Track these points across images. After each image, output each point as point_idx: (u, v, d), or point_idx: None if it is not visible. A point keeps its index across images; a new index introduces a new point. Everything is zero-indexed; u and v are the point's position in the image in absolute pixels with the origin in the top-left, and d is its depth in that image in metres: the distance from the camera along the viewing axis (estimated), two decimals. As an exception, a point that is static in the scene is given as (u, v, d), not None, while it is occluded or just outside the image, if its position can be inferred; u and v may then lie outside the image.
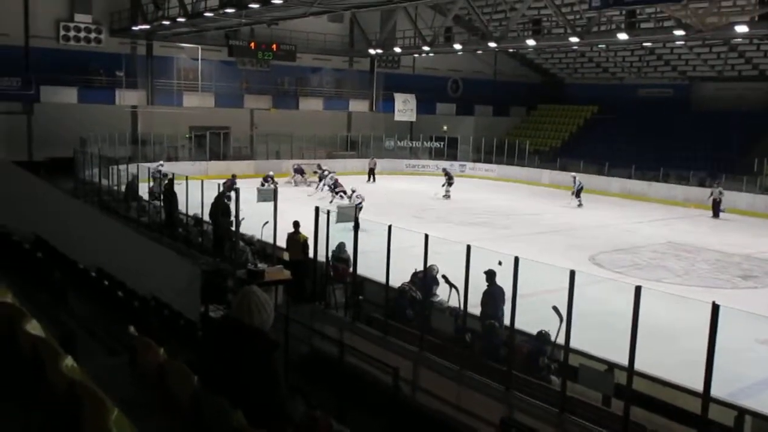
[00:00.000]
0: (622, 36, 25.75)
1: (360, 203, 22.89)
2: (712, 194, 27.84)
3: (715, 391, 6.93)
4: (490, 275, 9.57)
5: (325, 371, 8.45)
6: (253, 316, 3.18)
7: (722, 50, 35.93)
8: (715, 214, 27.47)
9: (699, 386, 6.81)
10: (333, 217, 11.34)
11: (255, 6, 24.58)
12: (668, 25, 25.87)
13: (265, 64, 36.29)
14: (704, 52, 36.94)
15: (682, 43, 32.18)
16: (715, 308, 6.37)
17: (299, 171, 32.32)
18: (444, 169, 32.18)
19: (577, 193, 29.46)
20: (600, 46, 35.91)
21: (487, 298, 9.65)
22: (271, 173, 29.32)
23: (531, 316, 9.34)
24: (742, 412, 7.66)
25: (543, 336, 8.65)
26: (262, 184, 29.42)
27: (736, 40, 31.08)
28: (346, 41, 40.64)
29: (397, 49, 36.71)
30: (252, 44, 33.32)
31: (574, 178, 30.27)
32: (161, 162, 29.89)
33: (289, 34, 35.39)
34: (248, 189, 14.65)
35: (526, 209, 28.01)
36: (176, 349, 5.61)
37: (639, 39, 29.40)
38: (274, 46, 33.70)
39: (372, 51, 38.35)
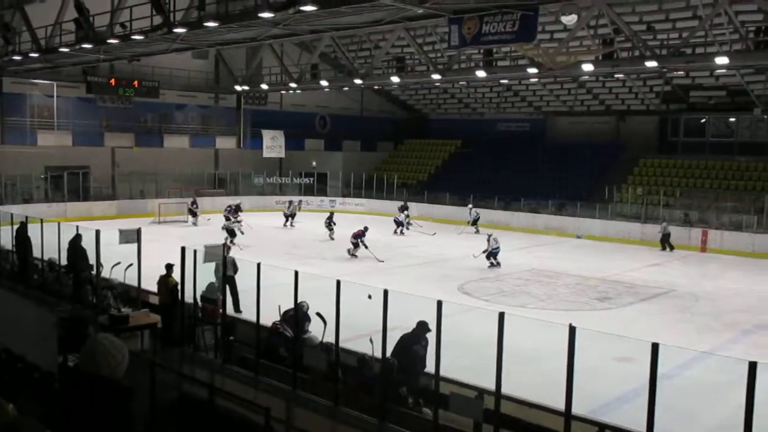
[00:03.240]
0: (481, 73, 26.99)
1: (497, 248, 23.23)
2: (662, 230, 28.08)
3: (577, 409, 7.25)
4: (423, 326, 8.91)
5: (195, 416, 8.16)
6: (100, 365, 3.05)
7: (572, 87, 38.36)
8: (665, 248, 27.81)
9: (562, 405, 7.10)
10: (200, 256, 11.05)
11: (114, 42, 23.81)
12: (522, 64, 27.36)
13: (126, 100, 35.14)
14: (556, 89, 39.29)
15: (536, 80, 34.09)
16: (572, 330, 6.71)
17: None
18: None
19: (474, 222, 31.63)
20: (461, 83, 37.42)
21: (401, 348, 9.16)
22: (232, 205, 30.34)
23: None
24: (602, 427, 8.06)
25: (391, 364, 8.67)
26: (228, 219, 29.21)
27: (584, 77, 33.26)
28: (211, 78, 40.11)
29: (264, 86, 36.65)
30: (112, 81, 32.25)
31: (470, 209, 32.38)
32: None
33: (152, 71, 34.51)
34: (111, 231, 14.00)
35: (397, 242, 28.47)
36: (30, 403, 5.25)
37: (496, 76, 30.87)
38: (135, 82, 32.80)
39: (238, 87, 38.07)
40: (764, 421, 5.95)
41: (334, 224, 28.75)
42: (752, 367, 5.74)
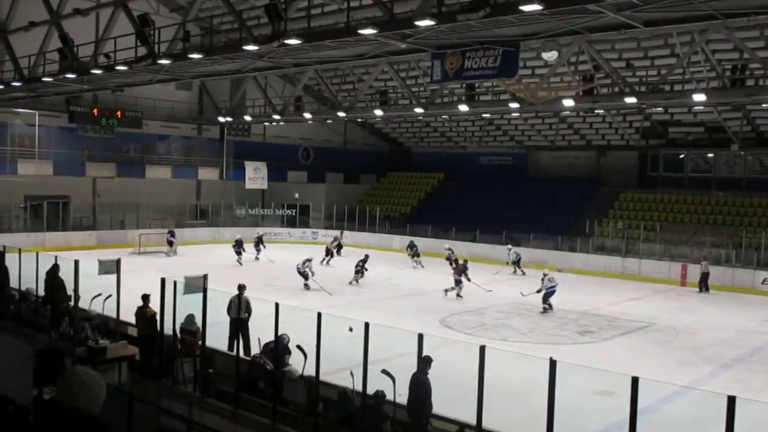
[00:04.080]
0: (463, 107, 27.28)
1: (552, 287, 21.23)
2: (702, 268, 26.97)
3: (558, 444, 7.23)
4: (426, 362, 8.93)
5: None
6: (77, 398, 3.01)
7: (553, 122, 38.81)
8: (703, 288, 26.59)
9: (543, 440, 7.07)
10: (180, 287, 10.97)
11: (98, 72, 23.81)
12: (504, 98, 27.69)
13: (109, 131, 35.08)
14: (538, 123, 39.74)
15: (518, 114, 34.48)
16: (553, 363, 6.71)
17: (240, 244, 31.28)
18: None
19: (518, 263, 29.86)
20: (443, 116, 37.77)
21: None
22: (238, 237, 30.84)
23: (385, 381, 9.40)
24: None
25: (379, 397, 8.61)
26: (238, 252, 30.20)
27: (565, 112, 33.67)
28: (194, 108, 40.20)
29: (248, 118, 36.78)
30: (95, 110, 32.21)
31: (510, 249, 30.72)
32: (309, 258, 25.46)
33: (135, 101, 34.57)
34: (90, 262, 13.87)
35: (380, 275, 28.37)
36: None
37: (478, 110, 31.23)
38: (118, 112, 32.81)
39: (222, 119, 38.17)
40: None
41: (366, 270, 26.50)
42: (731, 401, 5.77)
